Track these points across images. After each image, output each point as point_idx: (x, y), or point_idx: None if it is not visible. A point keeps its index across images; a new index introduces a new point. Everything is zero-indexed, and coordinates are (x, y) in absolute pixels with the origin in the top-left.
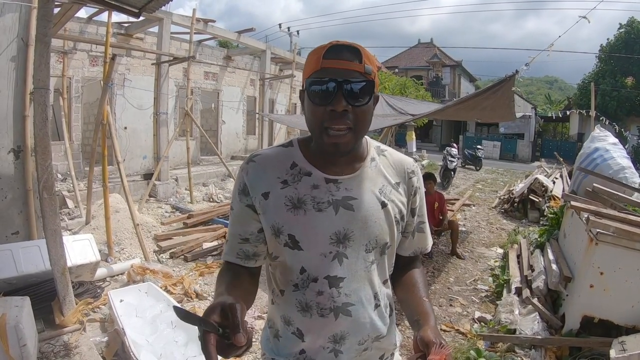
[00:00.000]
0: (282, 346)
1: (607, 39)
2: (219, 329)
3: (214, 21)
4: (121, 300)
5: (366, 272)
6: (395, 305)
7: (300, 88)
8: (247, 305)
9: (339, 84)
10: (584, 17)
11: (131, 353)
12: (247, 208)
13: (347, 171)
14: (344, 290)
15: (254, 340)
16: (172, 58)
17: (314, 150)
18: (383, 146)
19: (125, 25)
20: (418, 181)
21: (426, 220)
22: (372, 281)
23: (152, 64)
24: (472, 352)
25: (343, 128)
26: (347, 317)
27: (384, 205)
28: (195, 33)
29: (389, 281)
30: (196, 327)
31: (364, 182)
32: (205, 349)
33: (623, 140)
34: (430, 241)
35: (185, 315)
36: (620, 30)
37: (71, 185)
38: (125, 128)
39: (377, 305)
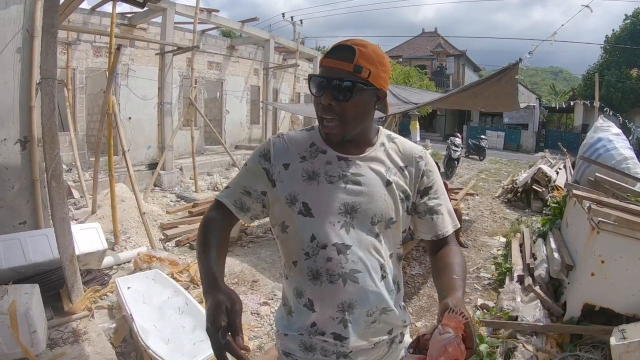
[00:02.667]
0: (295, 321)
1: (613, 30)
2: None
3: (217, 11)
4: (129, 287)
5: (372, 243)
6: (404, 285)
7: (307, 87)
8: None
9: (327, 81)
10: (587, 7)
11: (139, 339)
12: (263, 170)
13: (357, 152)
14: (351, 257)
15: (262, 326)
16: (175, 48)
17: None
18: (394, 135)
19: (129, 15)
20: (427, 165)
21: (445, 202)
22: (379, 252)
23: (156, 54)
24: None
25: (330, 119)
26: (354, 284)
27: (388, 183)
28: (198, 23)
29: (395, 258)
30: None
31: (372, 162)
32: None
33: (627, 132)
34: (449, 223)
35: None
36: (626, 22)
37: (76, 175)
38: (130, 118)
39: (383, 276)
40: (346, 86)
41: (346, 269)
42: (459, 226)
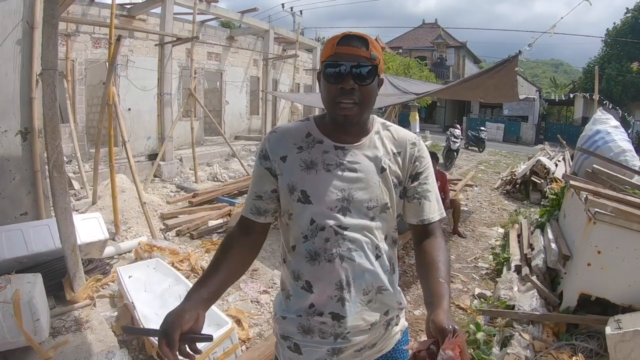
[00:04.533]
0: (293, 304)
1: (614, 23)
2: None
3: (216, 1)
4: (130, 276)
5: (368, 225)
6: (400, 268)
7: (307, 77)
8: (239, 271)
9: (349, 66)
10: (587, 0)
11: (141, 326)
12: (266, 170)
13: (353, 141)
14: (347, 237)
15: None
16: (175, 39)
17: (327, 123)
18: (388, 123)
19: (128, 6)
20: (419, 151)
21: (433, 190)
22: (374, 234)
23: (155, 45)
24: (471, 326)
25: (350, 102)
26: (351, 262)
27: (382, 170)
28: (198, 13)
29: (390, 240)
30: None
31: (367, 150)
32: (160, 350)
33: (627, 125)
34: (436, 211)
35: (130, 331)
36: (627, 15)
37: (77, 166)
38: (129, 109)
39: (378, 256)
40: (368, 71)
41: (343, 248)
42: (445, 215)
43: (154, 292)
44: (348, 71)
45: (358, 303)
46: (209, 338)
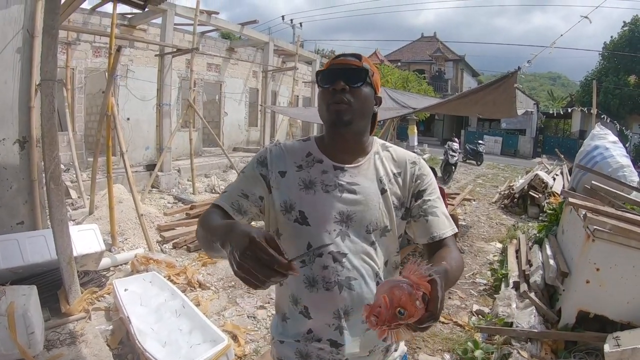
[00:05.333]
0: (290, 327)
1: (611, 37)
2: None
3: (217, 13)
4: (126, 289)
5: (368, 250)
6: None
7: (306, 90)
8: None
9: (340, 70)
10: (586, 17)
11: (136, 341)
12: (260, 176)
13: (352, 161)
14: (346, 265)
15: (259, 329)
16: (175, 49)
17: (327, 143)
18: (388, 144)
19: (129, 16)
20: (420, 169)
21: (440, 205)
22: (374, 259)
23: (155, 55)
24: (469, 343)
25: (341, 103)
26: (350, 291)
27: (383, 191)
28: (198, 25)
29: (391, 265)
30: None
31: (367, 170)
32: (263, 253)
33: (624, 138)
34: (447, 226)
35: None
36: (625, 28)
37: (74, 175)
38: (128, 119)
39: (378, 284)
40: (358, 73)
41: (342, 277)
42: (457, 231)
43: (149, 306)
44: (338, 74)
45: (357, 331)
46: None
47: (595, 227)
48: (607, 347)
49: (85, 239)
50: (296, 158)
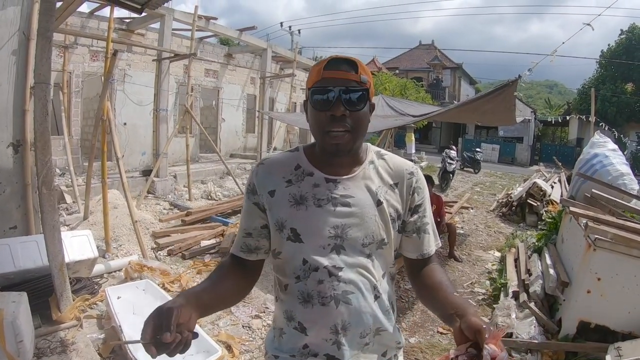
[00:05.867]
0: (286, 342)
1: (608, 45)
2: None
3: (215, 18)
4: (118, 297)
5: (364, 264)
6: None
7: (304, 97)
8: (227, 301)
9: (338, 92)
10: (588, 25)
11: (128, 350)
12: (254, 205)
13: (345, 172)
14: (343, 279)
15: (254, 339)
16: (173, 55)
17: (317, 154)
18: (383, 151)
19: (127, 20)
20: (417, 182)
21: (431, 221)
22: (371, 273)
23: (153, 60)
24: None
25: (342, 130)
26: (347, 306)
27: (379, 203)
28: (196, 30)
29: (388, 277)
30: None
31: (361, 182)
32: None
33: (622, 146)
34: (433, 242)
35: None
36: (621, 36)
37: (69, 180)
38: (125, 124)
39: (377, 297)
40: (360, 94)
41: (338, 291)
42: (440, 244)
43: (142, 315)
44: (337, 97)
45: (355, 345)
46: (196, 335)
47: (596, 236)
48: (609, 358)
49: (78, 245)
50: (285, 172)
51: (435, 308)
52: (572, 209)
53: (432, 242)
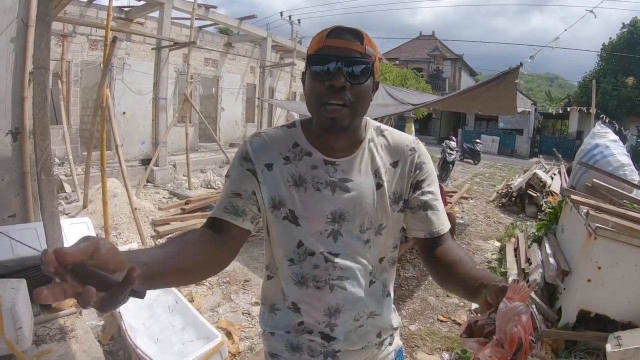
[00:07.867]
0: (280, 319)
1: (610, 38)
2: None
3: (215, 7)
4: None
5: (361, 250)
6: (394, 292)
7: (303, 71)
8: (188, 274)
9: (339, 60)
10: (591, 11)
11: (127, 337)
12: (248, 172)
13: (344, 153)
14: (339, 265)
15: (254, 326)
16: (172, 43)
17: (315, 131)
18: (383, 126)
19: (126, 9)
20: (420, 157)
21: (439, 199)
22: (368, 259)
23: (152, 49)
24: None
25: (340, 103)
26: (342, 290)
27: (379, 186)
28: (196, 19)
29: (387, 262)
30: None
31: (360, 164)
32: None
33: (623, 139)
34: (445, 220)
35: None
36: (623, 30)
37: (69, 169)
38: (124, 113)
39: (372, 282)
40: (363, 67)
41: (333, 276)
42: (450, 226)
43: (141, 302)
44: (338, 67)
45: (348, 327)
46: (138, 294)
47: (597, 224)
48: (609, 347)
49: (77, 232)
50: (282, 149)
51: (457, 286)
52: (573, 197)
53: (444, 220)
